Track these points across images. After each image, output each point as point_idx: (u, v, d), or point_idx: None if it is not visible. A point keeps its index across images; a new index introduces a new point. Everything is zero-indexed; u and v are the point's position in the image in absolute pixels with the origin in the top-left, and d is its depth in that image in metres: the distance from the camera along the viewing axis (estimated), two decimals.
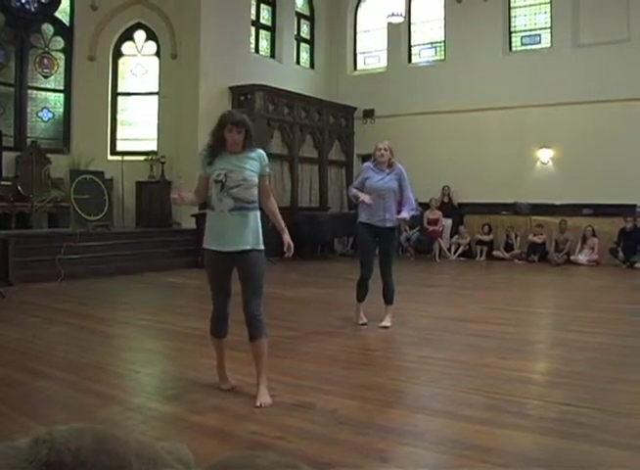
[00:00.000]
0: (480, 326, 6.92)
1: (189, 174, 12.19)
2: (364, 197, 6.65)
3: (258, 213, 4.41)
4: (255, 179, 4.34)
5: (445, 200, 15.79)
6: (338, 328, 6.86)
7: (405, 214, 6.79)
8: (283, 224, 4.65)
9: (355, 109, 17.43)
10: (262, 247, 4.40)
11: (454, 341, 6.18)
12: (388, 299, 6.98)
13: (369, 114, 17.36)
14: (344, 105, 17.25)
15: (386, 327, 6.81)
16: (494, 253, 15.00)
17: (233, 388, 4.57)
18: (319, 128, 16.55)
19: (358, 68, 18.19)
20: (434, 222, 15.21)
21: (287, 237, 4.60)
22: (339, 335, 6.54)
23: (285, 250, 4.59)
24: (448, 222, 15.60)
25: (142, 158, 14.22)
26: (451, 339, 6.28)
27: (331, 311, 7.87)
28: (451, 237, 15.59)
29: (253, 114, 14.40)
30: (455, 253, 15.29)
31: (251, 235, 4.32)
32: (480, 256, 15.11)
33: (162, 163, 14.06)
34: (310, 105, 16.19)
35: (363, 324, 6.98)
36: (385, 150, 6.86)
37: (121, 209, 13.88)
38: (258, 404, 4.17)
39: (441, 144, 16.09)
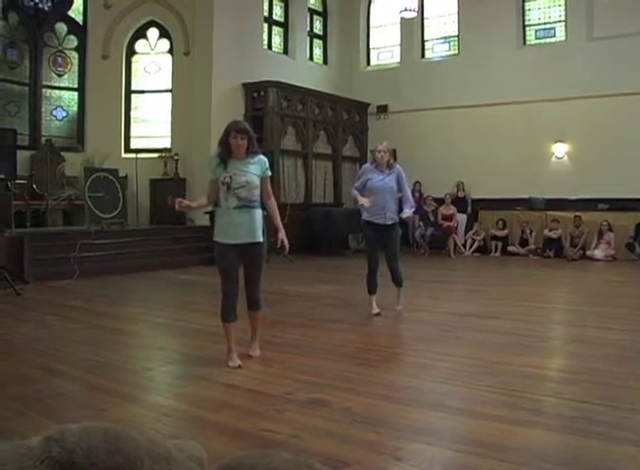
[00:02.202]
0: (496, 322, 6.88)
1: (202, 171, 12.20)
2: (363, 200, 7.12)
3: (260, 211, 5.06)
4: (257, 182, 5.02)
5: (460, 195, 15.74)
6: (353, 325, 6.84)
7: (408, 212, 7.26)
8: (280, 224, 5.23)
9: (369, 104, 17.40)
10: (262, 239, 5.05)
11: (470, 337, 6.14)
12: (397, 281, 7.44)
13: (383, 109, 17.32)
14: (358, 101, 17.22)
15: (398, 309, 7.42)
16: (509, 248, 14.94)
17: (240, 366, 5.00)
18: (333, 124, 16.53)
19: (371, 63, 18.15)
20: (449, 218, 15.17)
21: (282, 235, 5.21)
22: (354, 332, 6.52)
23: (278, 246, 5.20)
24: (463, 218, 15.56)
25: (156, 155, 14.28)
26: (467, 335, 6.23)
27: (346, 308, 7.87)
28: (466, 233, 15.55)
29: (267, 110, 14.41)
30: (470, 248, 15.24)
31: (253, 229, 4.98)
32: (495, 251, 15.04)
33: (176, 160, 14.12)
34: (324, 101, 16.17)
35: (377, 314, 7.28)
36: (384, 152, 7.25)
37: (136, 206, 13.92)
38: (250, 354, 5.27)
39: (455, 139, 16.03)
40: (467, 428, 3.71)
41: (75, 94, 14.58)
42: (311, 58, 17.41)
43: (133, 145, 14.88)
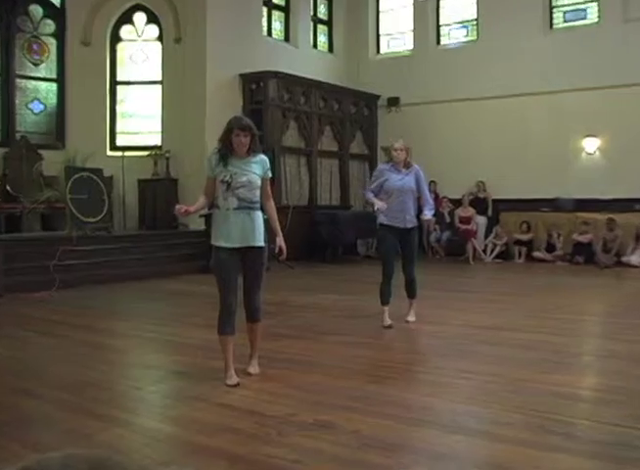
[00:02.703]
0: (521, 336, 6.85)
1: (196, 171, 12.22)
2: (379, 204, 7.20)
3: (260, 213, 5.18)
4: (259, 182, 5.14)
5: (481, 195, 15.71)
6: (362, 338, 6.82)
7: (428, 214, 7.40)
8: (279, 228, 5.38)
9: (379, 96, 17.41)
10: (264, 243, 5.17)
11: (491, 352, 6.11)
12: (411, 293, 7.56)
13: (394, 102, 17.31)
14: (367, 92, 17.23)
15: (410, 321, 7.49)
16: (534, 254, 14.89)
17: (238, 384, 5.01)
18: (339, 119, 16.54)
19: (381, 51, 18.16)
20: (467, 220, 15.14)
21: (280, 241, 5.33)
22: (362, 346, 6.50)
23: (276, 252, 5.29)
24: (482, 220, 15.53)
25: (144, 153, 14.30)
26: (488, 350, 6.21)
27: (354, 320, 7.85)
28: (486, 237, 15.51)
29: (267, 103, 14.42)
30: (490, 254, 15.20)
31: (254, 232, 5.09)
32: (519, 257, 15.00)
33: (167, 158, 14.13)
34: (329, 93, 16.19)
35: (388, 326, 7.31)
36: (401, 150, 7.36)
37: (122, 209, 13.94)
38: (249, 371, 5.26)
39: (474, 134, 16.01)
40: (489, 453, 3.68)
41: (54, 85, 14.59)
42: (315, 45, 17.43)
43: (119, 142, 14.93)
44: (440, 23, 17.20)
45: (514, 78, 15.46)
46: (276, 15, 16.33)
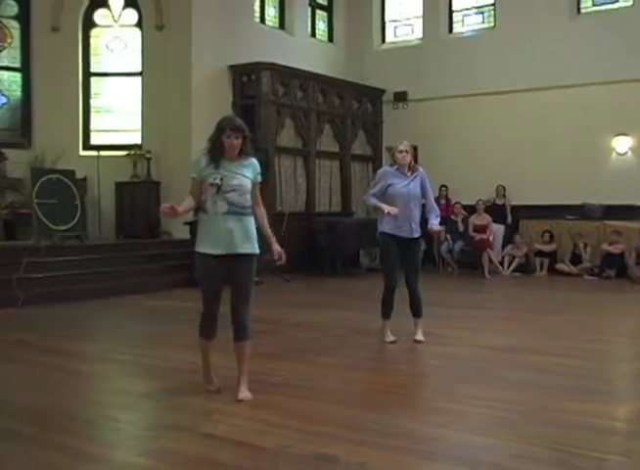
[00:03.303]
0: (543, 359, 6.83)
1: (180, 173, 12.21)
2: (389, 208, 7.24)
3: (252, 219, 5.34)
4: (249, 186, 5.31)
5: (498, 201, 15.69)
6: (364, 360, 6.82)
7: (435, 223, 7.53)
8: (271, 233, 5.53)
9: (384, 91, 17.46)
10: (257, 251, 5.32)
11: (510, 377, 6.09)
12: (417, 311, 7.59)
13: (401, 97, 17.35)
14: (371, 86, 17.27)
15: (419, 341, 7.48)
16: (558, 266, 14.87)
17: (219, 389, 5.41)
18: (340, 116, 16.56)
19: (387, 40, 18.22)
20: (482, 229, 15.10)
21: (276, 246, 5.48)
22: (366, 368, 6.50)
23: (276, 258, 5.45)
24: (500, 229, 15.51)
25: (123, 153, 14.30)
26: (507, 374, 6.18)
27: (356, 339, 7.85)
28: (503, 247, 15.49)
29: (259, 98, 14.42)
30: (509, 267, 15.17)
31: (244, 239, 5.24)
32: (541, 270, 14.98)
33: (148, 159, 14.12)
34: (329, 87, 16.21)
35: (392, 342, 7.46)
36: (406, 152, 7.43)
37: (97, 216, 13.91)
38: (240, 398, 5.23)
39: (491, 133, 16.03)
40: None
41: (18, 75, 14.56)
42: (314, 34, 17.48)
43: (94, 141, 14.92)
44: (453, 9, 17.26)
45: (536, 70, 15.46)
46: None
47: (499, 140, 15.91)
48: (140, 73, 14.91)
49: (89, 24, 15.00)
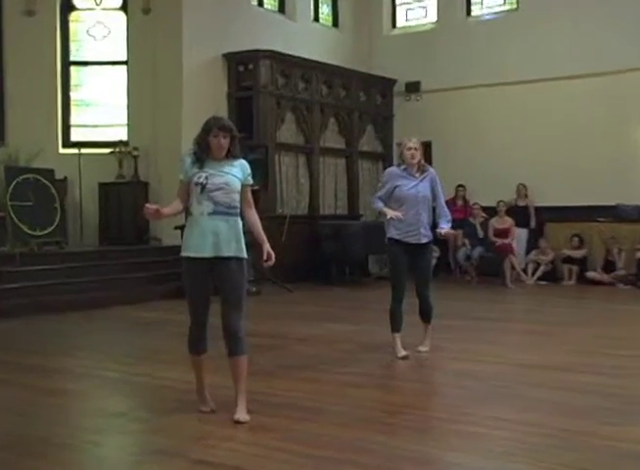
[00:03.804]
0: (571, 376, 6.83)
1: (171, 172, 12.21)
2: (393, 213, 7.38)
3: (239, 220, 5.43)
4: (238, 186, 5.41)
5: (521, 203, 15.68)
6: (374, 377, 6.82)
7: (446, 227, 7.63)
8: (264, 236, 5.60)
9: (395, 81, 17.47)
10: (245, 255, 5.40)
11: (534, 396, 6.09)
12: (426, 315, 7.74)
13: (413, 87, 17.36)
14: (380, 76, 17.30)
15: (423, 351, 7.71)
16: (588, 274, 14.86)
17: (214, 410, 5.43)
18: (346, 109, 16.58)
19: (398, 25, 18.25)
20: (504, 233, 15.09)
21: (267, 247, 5.54)
22: (375, 387, 6.50)
23: (265, 259, 5.52)
24: (523, 233, 15.50)
25: (107, 150, 14.33)
26: (531, 394, 6.18)
27: (365, 355, 7.86)
28: (527, 253, 15.49)
29: (258, 89, 14.43)
30: (533, 275, 15.17)
31: (232, 241, 5.32)
32: (569, 278, 14.96)
33: (135, 157, 14.15)
34: (334, 77, 16.24)
35: (404, 357, 7.48)
36: (415, 149, 7.51)
37: (79, 220, 13.93)
38: (236, 419, 5.23)
39: (513, 127, 16.03)
40: None
41: None
42: (317, 18, 17.49)
43: (75, 137, 14.94)
44: None
45: (563, 57, 15.43)
46: None
47: (522, 135, 15.89)
48: (125, 62, 14.91)
49: (68, 8, 14.97)
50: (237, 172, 5.40)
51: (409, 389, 6.62)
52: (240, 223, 5.41)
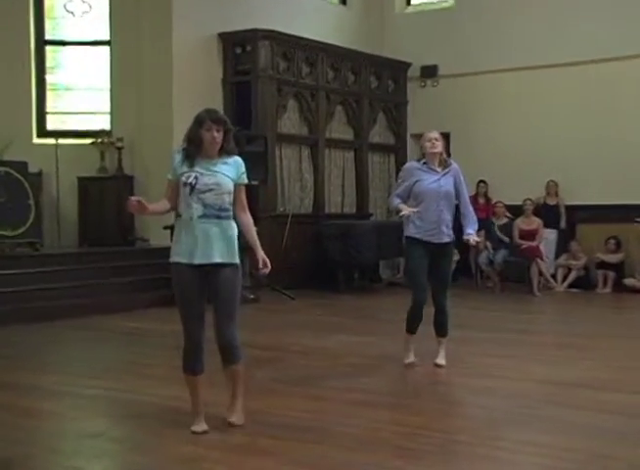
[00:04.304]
0: (606, 396, 6.81)
1: (159, 165, 12.21)
2: (408, 210, 7.48)
3: (233, 224, 5.56)
4: (230, 186, 5.50)
5: (551, 202, 15.64)
6: (388, 395, 6.82)
7: (472, 233, 7.72)
8: (258, 242, 5.69)
9: (409, 65, 17.47)
10: (238, 261, 5.55)
11: (567, 418, 6.08)
12: (442, 330, 7.83)
13: (430, 72, 17.36)
14: (393, 59, 17.31)
15: (440, 365, 7.74)
16: (626, 281, 14.84)
17: (206, 431, 5.45)
18: (355, 95, 16.60)
19: (413, 2, 18.23)
20: (531, 235, 15.08)
21: (261, 254, 5.64)
22: (386, 406, 6.50)
23: (260, 266, 5.64)
24: (552, 235, 15.49)
25: (87, 141, 14.34)
26: (563, 415, 6.17)
27: (374, 369, 7.86)
28: (557, 257, 15.47)
29: (256, 74, 14.41)
30: (563, 281, 15.16)
31: (224, 246, 5.44)
32: (604, 286, 14.95)
33: (119, 148, 14.14)
34: (342, 60, 16.25)
35: (410, 364, 7.80)
36: (436, 140, 7.61)
37: (56, 218, 13.91)
38: (232, 422, 5.56)
39: (541, 116, 16.01)
40: None
41: None
42: None
43: (51, 125, 14.92)
44: None
45: (599, 37, 15.35)
46: None
47: (552, 125, 15.85)
48: (108, 42, 14.87)
49: None
50: (229, 171, 5.50)
51: (426, 408, 6.58)
52: (232, 226, 5.53)
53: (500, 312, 12.34)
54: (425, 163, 7.61)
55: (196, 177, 5.36)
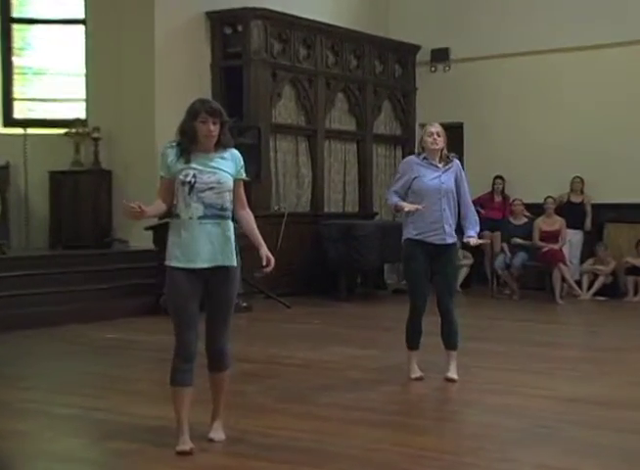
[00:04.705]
0: (633, 415, 6.80)
1: (141, 158, 12.28)
2: (411, 206, 7.58)
3: (231, 224, 5.63)
4: (231, 183, 5.61)
5: (575, 199, 15.63)
6: (392, 413, 6.83)
7: (473, 235, 7.85)
8: (261, 239, 5.78)
9: (418, 48, 17.49)
10: (238, 262, 5.62)
11: (591, 439, 6.07)
12: (451, 342, 7.85)
13: (441, 56, 17.37)
14: (400, 41, 17.33)
15: (452, 380, 7.73)
16: None
17: (192, 451, 5.42)
18: (358, 81, 16.62)
19: None
20: (553, 237, 15.08)
21: (265, 250, 5.71)
22: (394, 425, 6.51)
23: (264, 264, 5.69)
24: (576, 237, 15.49)
25: (60, 131, 14.34)
26: (586, 436, 6.16)
27: (376, 385, 7.87)
28: (582, 262, 15.48)
29: (248, 57, 14.41)
30: (589, 288, 15.16)
31: (226, 248, 5.51)
32: (635, 294, 14.96)
33: (96, 139, 14.13)
34: (343, 42, 16.27)
35: (418, 378, 7.81)
36: (438, 135, 7.71)
37: (24, 217, 13.92)
38: (211, 438, 5.67)
39: (564, 106, 16.01)
40: None
41: None
42: None
43: (19, 114, 14.95)
44: None
45: (630, 17, 15.36)
46: None
47: (578, 115, 15.86)
48: (83, 21, 14.83)
49: None
50: (229, 167, 5.57)
51: (433, 427, 6.60)
52: (231, 227, 5.58)
53: (518, 323, 12.33)
54: (425, 158, 7.69)
55: (194, 175, 5.41)
